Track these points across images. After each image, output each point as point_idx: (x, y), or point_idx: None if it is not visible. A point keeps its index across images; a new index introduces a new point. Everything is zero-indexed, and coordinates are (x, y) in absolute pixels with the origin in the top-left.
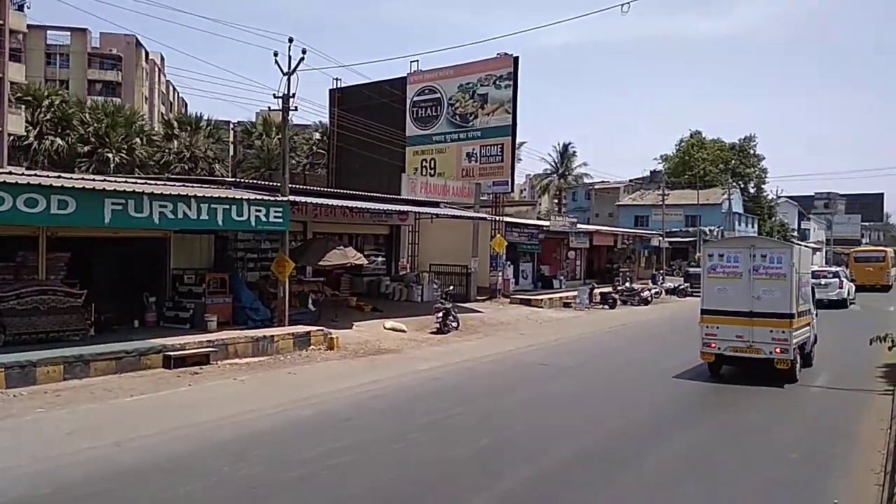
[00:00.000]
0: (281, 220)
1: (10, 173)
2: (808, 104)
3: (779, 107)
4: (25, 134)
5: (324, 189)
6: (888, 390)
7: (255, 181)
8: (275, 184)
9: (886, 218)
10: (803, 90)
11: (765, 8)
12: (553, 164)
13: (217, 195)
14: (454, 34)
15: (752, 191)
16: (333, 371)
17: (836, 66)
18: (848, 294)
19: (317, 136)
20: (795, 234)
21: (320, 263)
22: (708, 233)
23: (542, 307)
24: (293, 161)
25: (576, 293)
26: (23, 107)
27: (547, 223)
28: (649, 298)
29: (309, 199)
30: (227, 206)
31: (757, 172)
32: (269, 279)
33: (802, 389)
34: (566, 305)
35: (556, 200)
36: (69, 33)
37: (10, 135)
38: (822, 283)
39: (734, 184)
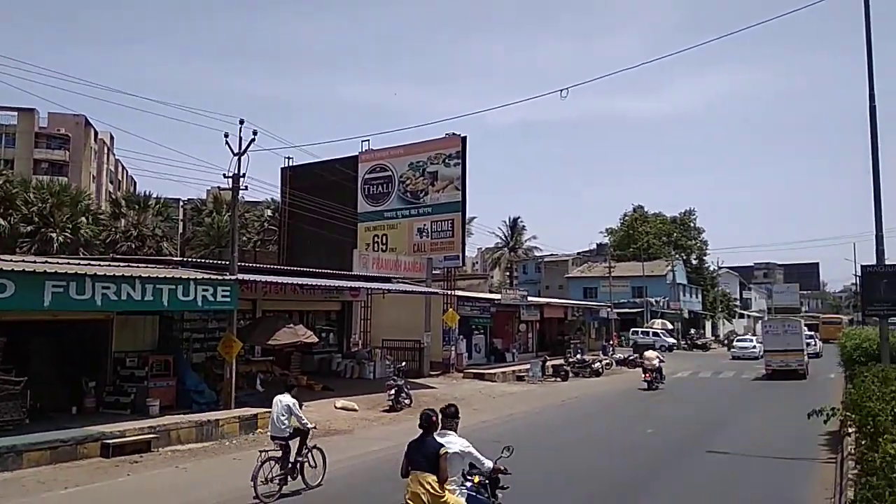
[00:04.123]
0: (229, 300)
1: None
2: (743, 178)
3: (716, 181)
4: None
5: (274, 266)
6: (831, 459)
7: (203, 260)
8: (224, 262)
9: (823, 286)
10: (737, 165)
11: (692, 89)
12: (503, 237)
13: (162, 275)
14: (404, 115)
15: (694, 262)
16: None
17: (767, 141)
18: (819, 347)
19: (268, 212)
20: (738, 303)
21: (270, 342)
22: (654, 303)
23: (495, 381)
24: (244, 238)
25: (528, 366)
26: None
27: (498, 296)
28: (600, 370)
29: (258, 277)
30: (173, 286)
31: (698, 245)
32: (216, 360)
33: (753, 460)
34: (519, 379)
35: (507, 273)
36: (16, 113)
37: None
38: (808, 340)
39: (677, 256)
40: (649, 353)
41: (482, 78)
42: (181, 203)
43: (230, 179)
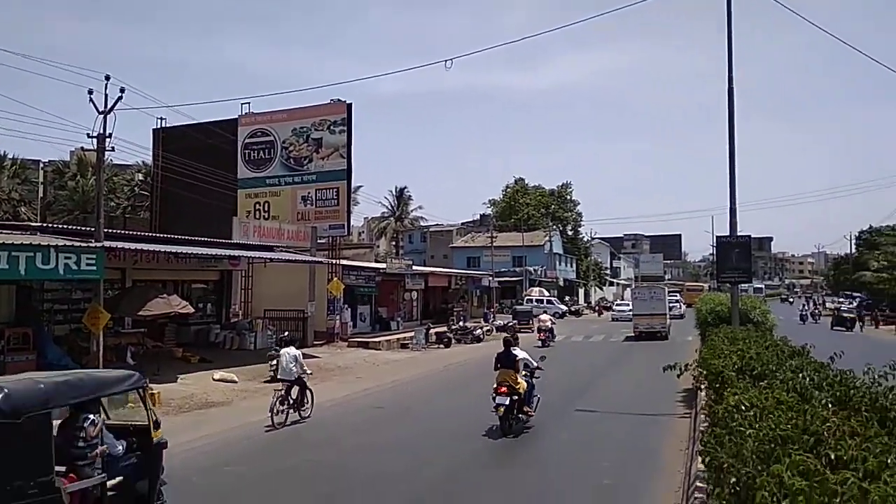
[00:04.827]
0: (94, 268)
1: None
2: (615, 153)
3: (591, 155)
4: None
5: (146, 233)
6: (686, 414)
7: (66, 226)
8: (89, 228)
9: (684, 256)
10: (610, 140)
11: (570, 67)
12: (390, 207)
13: (19, 242)
14: (287, 79)
15: (569, 233)
16: None
17: (636, 120)
18: (683, 310)
19: (139, 177)
20: (609, 271)
21: (140, 313)
22: (533, 272)
23: (379, 349)
24: (112, 204)
25: (412, 334)
26: None
27: (384, 266)
28: (481, 336)
29: (127, 245)
30: (31, 254)
31: (573, 216)
32: (81, 332)
33: (618, 416)
34: (403, 346)
35: (393, 243)
36: None
37: None
38: (673, 304)
39: (554, 227)
40: (543, 316)
41: (371, 46)
42: (41, 164)
43: (95, 140)
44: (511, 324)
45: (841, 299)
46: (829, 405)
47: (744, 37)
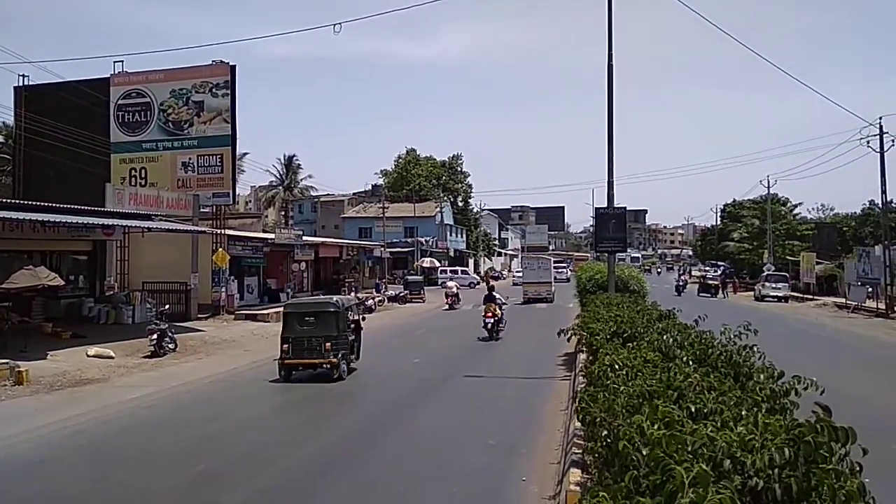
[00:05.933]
0: None
1: None
2: (503, 126)
3: (479, 128)
4: None
5: (8, 200)
6: (567, 376)
7: None
8: None
9: (567, 227)
10: (498, 113)
11: (460, 38)
12: (278, 175)
13: None
14: (160, 38)
15: (460, 204)
16: (22, 409)
17: (522, 93)
18: (569, 275)
19: (0, 139)
20: (497, 242)
21: (3, 286)
22: (424, 243)
23: (268, 321)
24: None
25: None
26: None
27: (272, 236)
28: (373, 307)
29: None
30: None
31: (464, 188)
32: None
33: (504, 381)
34: None
35: (282, 213)
36: None
37: None
38: (560, 270)
39: (445, 198)
40: (450, 283)
41: (257, 6)
42: None
43: None
44: (403, 294)
45: (707, 268)
46: (690, 363)
47: (622, 9)
